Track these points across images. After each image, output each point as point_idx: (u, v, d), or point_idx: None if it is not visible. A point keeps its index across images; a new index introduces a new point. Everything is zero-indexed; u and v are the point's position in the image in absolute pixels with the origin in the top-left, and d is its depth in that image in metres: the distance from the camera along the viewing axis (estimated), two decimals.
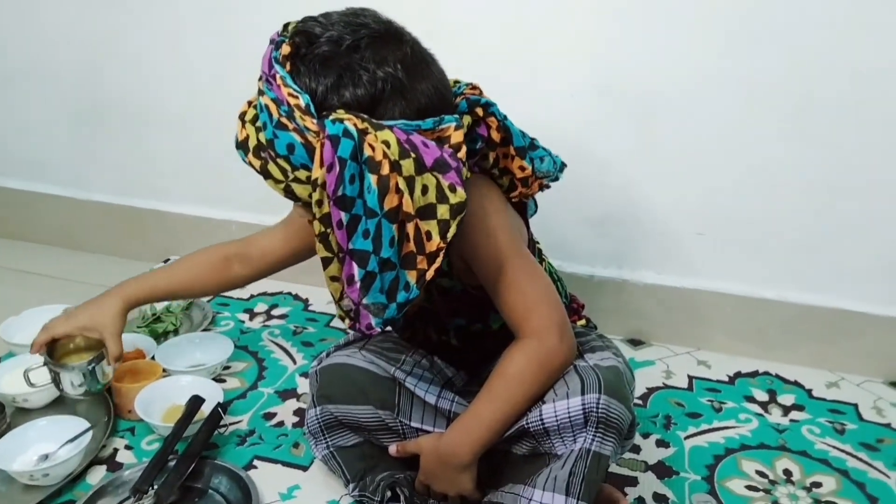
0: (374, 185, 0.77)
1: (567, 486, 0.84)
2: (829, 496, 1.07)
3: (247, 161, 0.84)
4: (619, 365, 0.92)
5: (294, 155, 0.80)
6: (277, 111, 0.80)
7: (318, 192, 0.77)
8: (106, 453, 1.10)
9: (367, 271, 0.80)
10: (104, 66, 1.67)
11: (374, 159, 0.77)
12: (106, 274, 1.65)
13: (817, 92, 1.25)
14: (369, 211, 0.78)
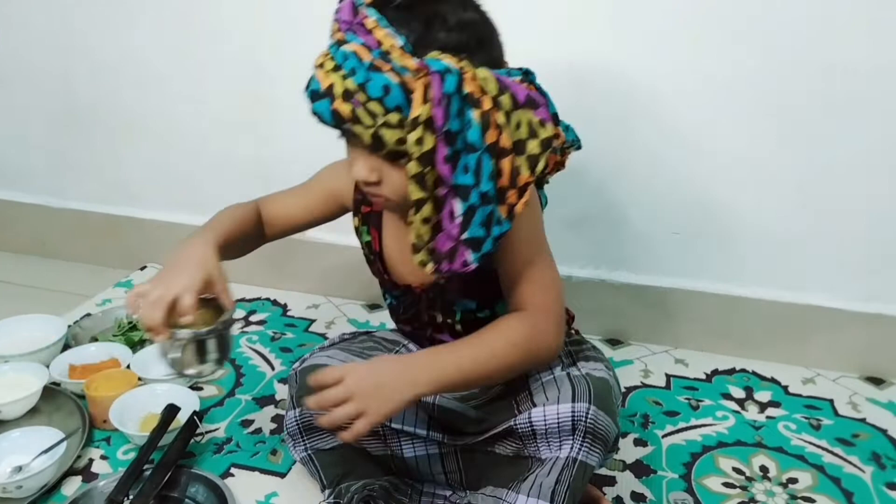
0: (476, 121, 0.79)
1: (552, 494, 0.85)
2: (805, 492, 1.08)
3: (331, 109, 0.82)
4: (609, 378, 0.94)
5: (389, 96, 0.79)
6: (369, 55, 0.80)
7: (418, 131, 0.78)
8: (81, 464, 1.09)
9: (469, 205, 0.81)
10: (78, 75, 1.65)
11: (474, 95, 0.79)
12: (81, 282, 1.65)
13: (789, 90, 1.26)
14: (470, 146, 0.80)
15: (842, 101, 1.25)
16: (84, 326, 1.43)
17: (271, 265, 1.63)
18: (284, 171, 1.58)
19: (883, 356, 1.38)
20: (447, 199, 0.81)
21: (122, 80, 1.62)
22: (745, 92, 1.28)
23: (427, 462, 1.00)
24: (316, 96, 0.83)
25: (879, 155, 1.27)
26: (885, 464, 1.14)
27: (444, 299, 1.01)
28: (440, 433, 0.98)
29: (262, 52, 1.50)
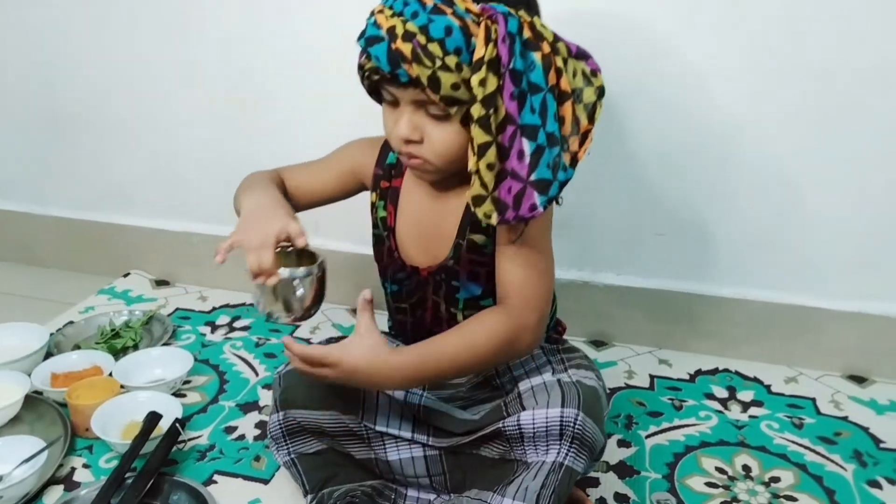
0: (538, 62, 0.82)
1: (538, 498, 0.85)
2: (787, 490, 1.08)
3: (390, 49, 0.83)
4: (598, 388, 0.95)
5: (450, 38, 0.81)
6: (431, 0, 0.82)
7: (482, 72, 0.80)
8: (63, 472, 1.08)
9: (538, 145, 0.83)
10: (61, 82, 1.65)
11: (534, 39, 0.82)
12: (65, 289, 1.64)
13: (767, 90, 1.27)
14: (534, 87, 0.82)
15: (823, 105, 1.26)
16: (67, 334, 1.43)
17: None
18: None
19: (865, 355, 1.39)
20: (515, 138, 0.83)
21: (105, 87, 1.62)
22: (723, 96, 1.28)
23: (412, 464, 0.99)
24: (373, 41, 0.85)
25: (859, 159, 1.28)
26: (867, 461, 1.15)
27: (449, 284, 1.01)
28: (425, 435, 0.98)
29: (249, 54, 1.50)
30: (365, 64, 0.87)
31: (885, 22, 1.20)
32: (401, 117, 0.89)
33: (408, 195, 1.03)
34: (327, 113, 1.49)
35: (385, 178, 1.04)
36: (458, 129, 0.88)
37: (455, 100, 0.84)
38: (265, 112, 1.54)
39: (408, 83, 0.84)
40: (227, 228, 1.63)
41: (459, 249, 0.99)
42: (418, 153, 0.90)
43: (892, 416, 1.28)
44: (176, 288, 1.68)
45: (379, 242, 1.07)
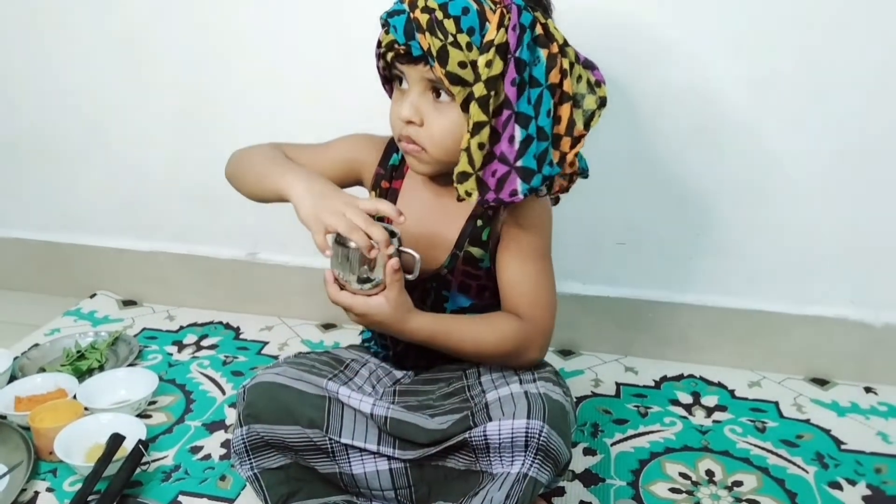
0: (543, 58, 0.88)
1: None
2: (749, 494, 1.10)
3: (409, 18, 0.88)
4: (566, 404, 0.96)
5: (466, 17, 0.87)
6: None
7: (490, 54, 0.85)
8: (27, 497, 1.07)
9: (528, 134, 0.88)
10: (18, 104, 1.64)
11: (544, 37, 0.88)
12: (29, 312, 1.63)
13: (717, 100, 1.29)
14: (534, 80, 0.88)
15: (765, 112, 1.29)
16: (31, 357, 1.41)
17: (225, 288, 1.63)
18: (229, 192, 1.59)
19: (826, 357, 1.41)
20: (508, 123, 0.88)
21: (63, 109, 1.61)
22: (677, 106, 1.31)
23: (377, 478, 0.99)
24: (394, 13, 0.90)
25: (814, 166, 1.31)
26: (828, 463, 1.17)
27: (438, 294, 1.04)
28: (391, 448, 0.98)
29: (205, 76, 1.50)
30: (383, 39, 0.92)
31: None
32: (404, 99, 0.93)
33: (407, 198, 1.06)
34: (285, 133, 1.49)
35: (386, 178, 1.07)
36: (458, 119, 0.91)
37: (459, 79, 0.88)
38: (221, 132, 1.53)
39: (419, 58, 0.89)
40: (193, 246, 1.65)
41: (455, 260, 1.02)
42: (416, 137, 0.94)
43: (853, 417, 1.30)
44: (143, 308, 1.67)
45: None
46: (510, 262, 1.01)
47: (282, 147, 1.10)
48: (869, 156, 1.29)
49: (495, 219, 1.01)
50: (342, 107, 1.43)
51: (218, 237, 1.63)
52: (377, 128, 1.25)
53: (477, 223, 1.02)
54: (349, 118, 1.42)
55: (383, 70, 0.98)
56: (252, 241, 1.61)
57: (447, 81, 0.88)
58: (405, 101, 0.93)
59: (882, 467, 1.17)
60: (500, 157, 0.89)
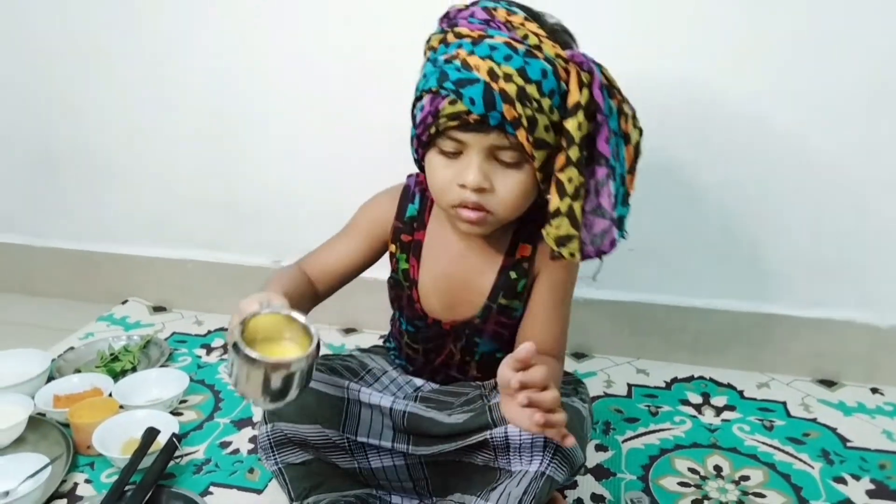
0: (614, 108, 0.88)
1: (519, 502, 0.90)
2: (756, 488, 1.14)
3: (491, 91, 0.85)
4: (582, 410, 1.01)
5: (546, 80, 0.86)
6: (522, 45, 0.87)
7: (579, 116, 0.86)
8: (66, 487, 1.13)
9: (620, 185, 0.90)
10: (53, 120, 1.72)
11: (609, 86, 0.88)
12: (65, 317, 1.70)
13: (722, 104, 1.34)
14: (612, 131, 0.88)
15: (769, 117, 1.34)
16: (68, 359, 1.48)
17: (248, 293, 1.69)
18: (254, 203, 1.66)
19: (833, 359, 1.45)
20: (607, 180, 0.89)
21: (96, 124, 1.69)
22: (680, 106, 1.36)
23: (394, 472, 1.04)
24: (465, 83, 0.86)
25: (818, 169, 1.36)
26: (833, 459, 1.21)
27: (470, 339, 1.06)
28: (405, 444, 1.02)
29: (231, 92, 1.58)
30: (444, 109, 0.87)
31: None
32: (467, 166, 0.90)
33: (433, 249, 1.05)
34: (308, 139, 1.57)
35: (406, 231, 1.05)
36: (526, 180, 0.91)
37: (543, 143, 0.88)
38: (249, 142, 1.61)
39: (494, 126, 0.86)
40: (220, 254, 1.71)
41: (489, 311, 1.04)
42: (485, 203, 0.92)
43: (860, 417, 1.33)
44: (172, 313, 1.74)
45: (398, 288, 1.09)
46: (543, 306, 1.03)
47: (304, 262, 1.09)
48: (874, 158, 1.33)
49: (530, 270, 1.03)
50: (362, 123, 1.51)
51: (244, 246, 1.69)
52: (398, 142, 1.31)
53: (510, 275, 1.02)
54: (370, 135, 1.49)
55: (426, 137, 0.93)
56: (276, 249, 1.68)
57: (529, 148, 0.88)
58: (470, 168, 0.90)
59: (886, 463, 1.20)
60: (602, 213, 0.90)
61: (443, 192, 0.94)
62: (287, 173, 1.61)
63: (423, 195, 1.06)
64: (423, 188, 1.04)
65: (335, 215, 1.56)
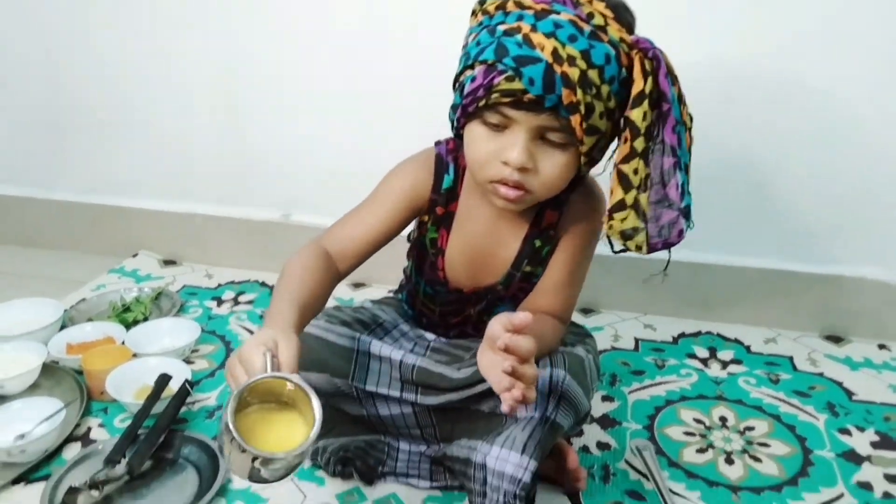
0: (675, 95, 0.85)
1: (524, 446, 0.91)
2: (761, 438, 1.15)
3: (553, 73, 0.81)
4: (586, 359, 1.01)
5: (609, 66, 0.83)
6: (587, 25, 0.83)
7: (644, 106, 0.83)
8: (80, 431, 1.15)
9: (686, 175, 0.88)
10: (65, 72, 1.71)
11: (673, 73, 0.85)
12: (76, 270, 1.71)
13: (736, 59, 1.33)
14: (676, 119, 0.86)
15: (781, 84, 1.32)
16: (80, 310, 1.50)
17: (260, 248, 1.70)
18: (265, 157, 1.66)
19: (841, 315, 1.46)
20: (674, 171, 0.87)
21: (108, 76, 1.68)
22: (698, 79, 1.35)
23: (402, 419, 1.05)
24: (527, 61, 0.82)
25: (825, 129, 1.35)
26: (839, 412, 1.22)
27: (490, 303, 1.07)
28: (413, 395, 1.03)
29: (242, 44, 1.57)
30: (499, 84, 0.83)
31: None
32: (513, 144, 0.86)
33: (464, 220, 1.03)
34: (319, 94, 1.56)
35: (441, 203, 1.02)
36: (570, 160, 0.89)
37: (596, 129, 0.85)
38: (257, 99, 1.61)
39: (547, 108, 0.83)
40: (230, 208, 1.72)
41: (512, 278, 1.04)
42: (526, 182, 0.89)
43: (866, 371, 1.34)
44: (182, 267, 1.75)
45: (421, 251, 1.07)
46: (560, 270, 1.01)
47: (326, 237, 1.01)
48: (889, 116, 1.32)
49: (555, 237, 1.01)
50: (378, 78, 1.51)
51: (253, 200, 1.70)
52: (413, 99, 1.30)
53: (535, 244, 1.01)
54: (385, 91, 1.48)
55: (473, 108, 0.88)
56: (285, 203, 1.68)
57: (583, 133, 0.85)
58: (517, 146, 0.86)
59: (891, 416, 1.21)
60: (670, 204, 0.88)
61: (482, 167, 0.90)
62: (298, 128, 1.61)
63: (456, 165, 1.01)
64: (455, 157, 1.01)
65: (345, 170, 1.58)
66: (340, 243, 1.00)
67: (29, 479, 1.05)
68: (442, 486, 1.04)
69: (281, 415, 0.76)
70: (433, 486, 1.05)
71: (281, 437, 0.74)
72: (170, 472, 1.06)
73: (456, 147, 1.01)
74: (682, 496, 1.02)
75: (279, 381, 0.75)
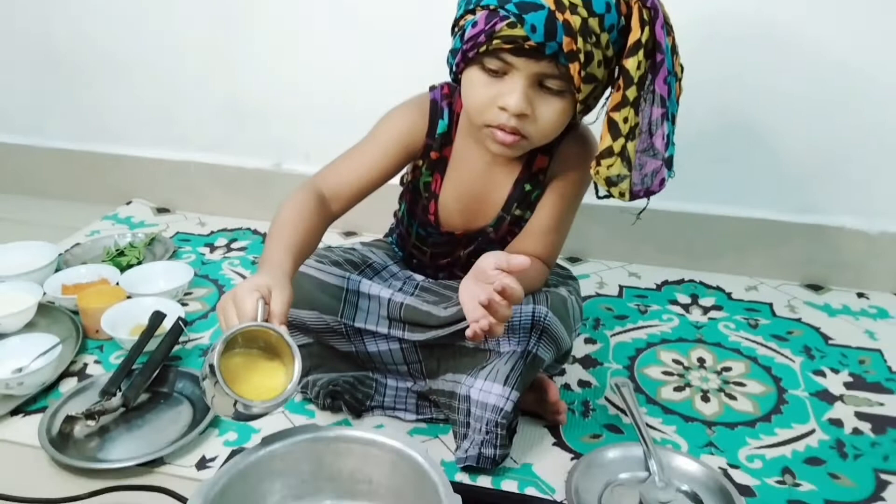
0: (670, 46, 0.87)
1: (506, 378, 0.95)
2: (737, 378, 1.19)
3: (555, 20, 0.83)
4: (568, 299, 1.05)
5: (609, 14, 0.85)
6: None
7: (639, 55, 0.85)
8: (76, 367, 1.18)
9: (672, 125, 0.90)
10: (56, 20, 1.71)
11: (668, 21, 0.88)
12: (70, 216, 1.73)
13: (720, 4, 1.34)
14: (669, 71, 0.88)
15: (765, 39, 1.34)
16: (74, 254, 1.52)
17: (252, 196, 1.72)
18: (256, 103, 1.67)
19: (822, 265, 1.49)
20: (662, 121, 0.89)
21: (99, 24, 1.69)
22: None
23: (389, 355, 1.07)
24: (529, 8, 0.83)
25: (815, 75, 1.36)
26: (815, 355, 1.26)
27: (479, 244, 1.09)
28: (400, 331, 1.05)
29: None
30: (500, 30, 0.85)
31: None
32: (511, 91, 0.88)
33: (458, 164, 1.05)
34: (311, 40, 1.57)
35: (435, 148, 1.03)
36: (565, 109, 0.91)
37: (593, 77, 0.87)
38: (249, 48, 1.62)
39: (548, 55, 0.85)
40: (222, 157, 1.73)
41: (502, 221, 1.06)
42: (522, 128, 0.91)
43: (844, 318, 1.38)
44: (176, 215, 1.77)
45: (414, 194, 1.10)
46: (548, 214, 1.04)
47: (321, 177, 1.02)
48: (873, 65, 1.34)
49: (544, 181, 1.04)
50: (368, 24, 1.52)
51: (245, 149, 1.71)
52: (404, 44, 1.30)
53: (525, 187, 1.03)
54: (375, 36, 1.49)
55: (472, 54, 0.89)
56: (277, 152, 1.70)
57: (581, 81, 0.87)
58: (514, 93, 0.88)
59: (866, 359, 1.25)
60: (654, 153, 0.91)
61: (480, 111, 0.92)
62: (289, 75, 1.62)
63: (450, 110, 1.03)
64: (450, 102, 1.03)
65: (336, 118, 1.59)
66: (335, 185, 1.02)
67: (26, 410, 1.08)
68: (427, 419, 1.08)
69: (264, 362, 0.80)
70: (419, 418, 1.08)
71: (262, 384, 0.78)
72: (164, 404, 1.10)
73: (451, 92, 1.03)
74: (659, 430, 1.06)
75: (267, 331, 0.78)
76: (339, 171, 1.03)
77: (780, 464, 1.01)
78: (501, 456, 0.96)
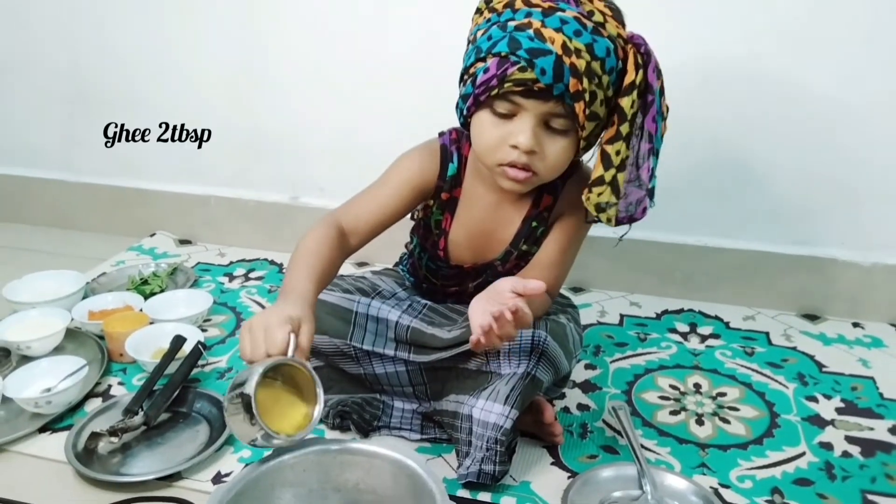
0: (659, 88, 0.96)
1: (506, 398, 1.01)
2: (731, 403, 1.23)
3: (562, 64, 0.90)
4: (567, 325, 1.11)
5: (609, 58, 0.93)
6: (589, 22, 0.92)
7: (633, 95, 0.94)
8: (101, 388, 1.25)
9: (656, 160, 0.99)
10: (85, 61, 1.82)
11: (658, 67, 0.96)
12: (97, 248, 1.81)
13: (712, 46, 1.41)
14: (657, 110, 0.97)
15: (761, 74, 1.40)
16: (101, 283, 1.60)
17: (269, 229, 1.80)
18: (274, 140, 1.76)
19: (818, 295, 1.53)
20: (648, 156, 0.97)
21: (126, 64, 1.79)
22: (681, 61, 1.43)
23: (396, 377, 1.13)
24: (538, 53, 0.91)
25: (808, 110, 1.42)
26: (808, 381, 1.30)
27: (487, 277, 1.15)
28: (406, 353, 1.11)
29: (257, 29, 1.67)
30: (512, 74, 0.92)
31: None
32: (521, 130, 0.95)
33: (467, 204, 1.11)
34: (326, 80, 1.65)
35: (446, 189, 1.10)
36: (569, 146, 0.98)
37: (596, 116, 0.95)
38: (269, 84, 1.70)
39: (555, 96, 0.92)
40: (241, 191, 1.81)
41: (510, 256, 1.13)
42: (533, 165, 0.97)
43: (839, 346, 1.42)
44: (197, 246, 1.85)
45: (425, 230, 1.16)
46: (553, 248, 1.10)
47: (340, 212, 1.08)
48: (864, 103, 1.40)
49: (549, 218, 1.11)
50: (385, 64, 1.60)
51: (263, 183, 1.80)
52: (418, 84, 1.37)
53: (532, 224, 1.10)
54: (391, 76, 1.56)
55: (484, 97, 0.96)
56: (293, 186, 1.78)
57: (585, 119, 0.94)
58: (525, 132, 0.95)
59: (858, 386, 1.29)
60: (638, 184, 0.99)
61: (491, 151, 0.99)
62: (305, 114, 1.70)
63: (459, 154, 1.10)
64: (458, 146, 1.11)
65: (349, 155, 1.67)
66: (353, 221, 1.08)
67: (54, 428, 1.15)
68: (431, 439, 1.13)
69: (285, 395, 0.85)
70: (423, 438, 1.13)
71: (284, 417, 0.84)
72: (183, 423, 1.16)
73: (458, 137, 1.11)
74: (653, 451, 1.11)
75: (292, 364, 0.84)
76: (357, 209, 1.09)
77: (769, 484, 1.05)
78: (501, 472, 1.01)
